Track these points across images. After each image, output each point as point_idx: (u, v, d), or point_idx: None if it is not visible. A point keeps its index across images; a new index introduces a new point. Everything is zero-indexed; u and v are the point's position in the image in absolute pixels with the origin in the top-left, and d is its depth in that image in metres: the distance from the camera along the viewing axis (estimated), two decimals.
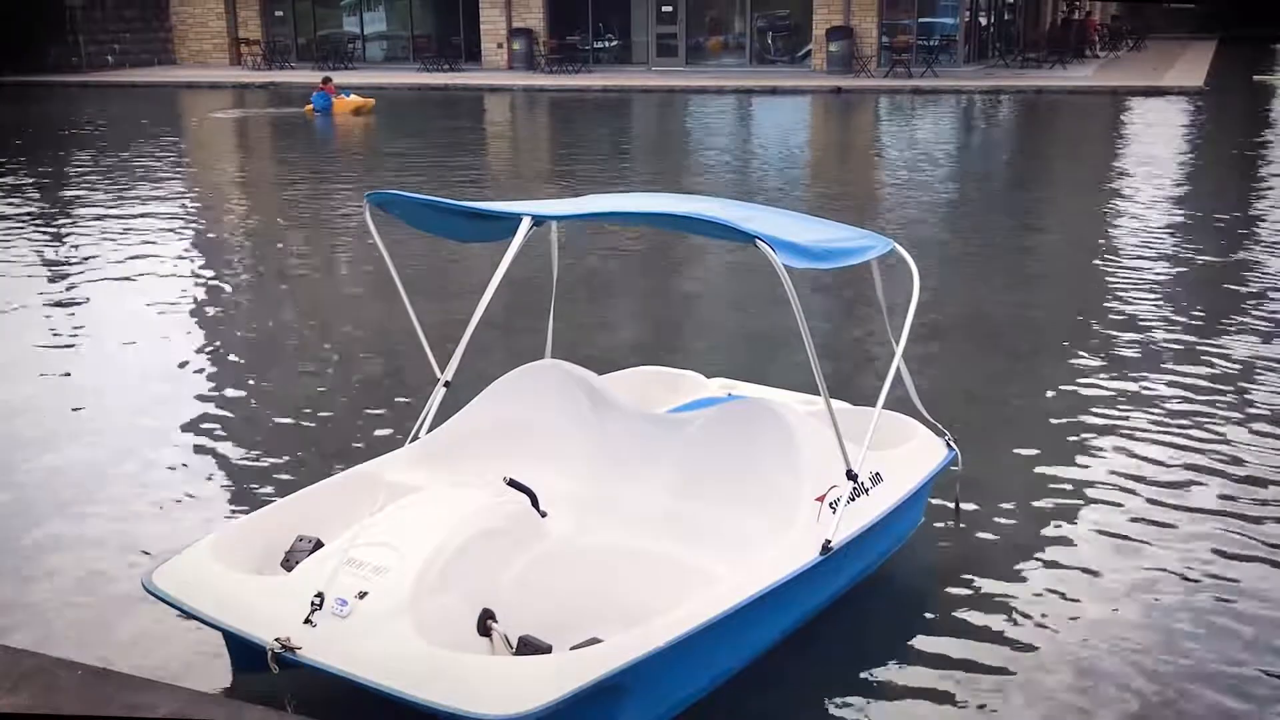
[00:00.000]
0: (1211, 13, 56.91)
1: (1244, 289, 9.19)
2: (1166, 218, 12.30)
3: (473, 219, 4.42)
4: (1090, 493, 5.46)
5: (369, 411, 6.65)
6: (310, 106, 23.67)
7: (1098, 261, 10.25)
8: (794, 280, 3.80)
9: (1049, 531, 5.10)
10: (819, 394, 4.06)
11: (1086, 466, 5.76)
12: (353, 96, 23.73)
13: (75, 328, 8.59)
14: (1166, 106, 23.61)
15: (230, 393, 7.06)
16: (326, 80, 24.34)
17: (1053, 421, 6.38)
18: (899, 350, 4.52)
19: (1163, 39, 46.19)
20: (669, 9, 32.26)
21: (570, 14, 33.14)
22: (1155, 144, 18.23)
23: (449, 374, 4.35)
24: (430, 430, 4.54)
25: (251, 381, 7.33)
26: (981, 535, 5.08)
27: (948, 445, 4.83)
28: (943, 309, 8.80)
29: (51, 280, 10.06)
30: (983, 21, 32.54)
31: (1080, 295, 9.22)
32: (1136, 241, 11.00)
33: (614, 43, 33.44)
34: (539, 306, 5.44)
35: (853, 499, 4.08)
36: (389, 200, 4.38)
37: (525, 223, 4.11)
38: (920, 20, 30.20)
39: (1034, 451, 5.97)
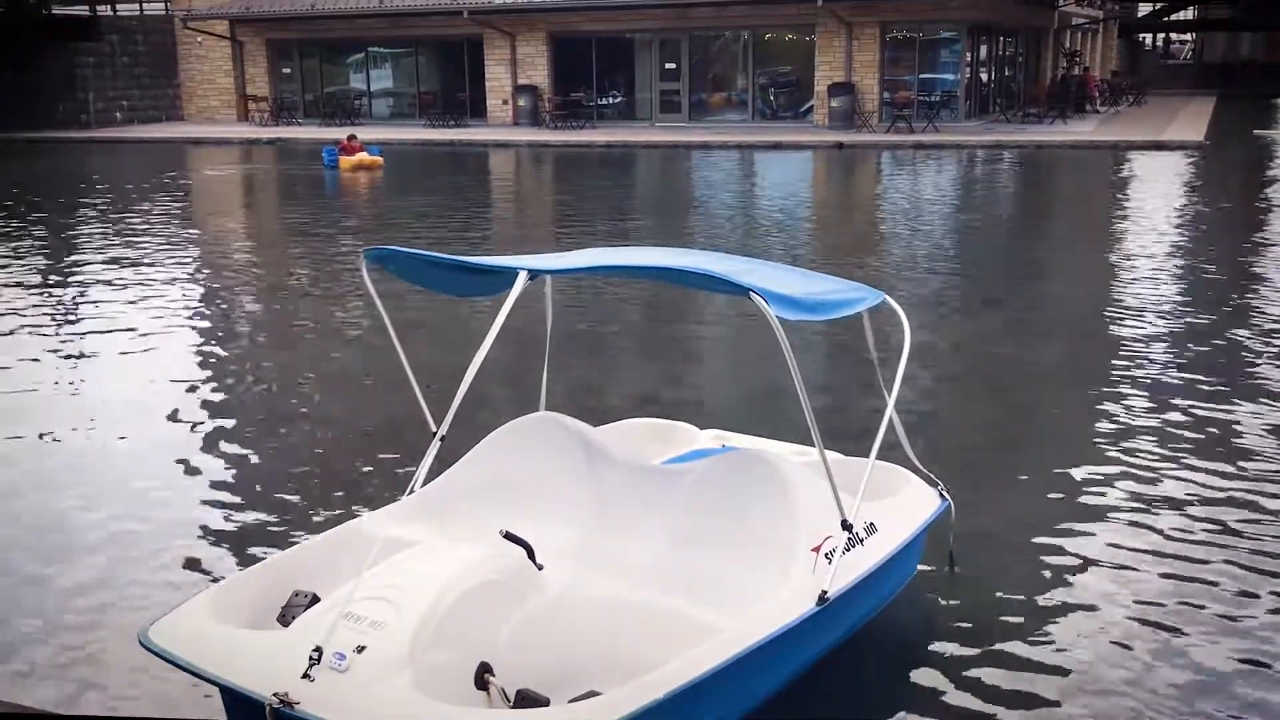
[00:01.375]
0: (1210, 69, 57.41)
1: (1247, 344, 9.19)
2: (1169, 271, 12.33)
3: (469, 273, 4.45)
4: (1089, 546, 5.43)
5: (364, 465, 6.65)
6: (356, 159, 23.58)
7: (1101, 314, 10.27)
8: (787, 332, 3.82)
9: (1046, 583, 5.07)
10: (812, 444, 4.06)
11: (1087, 520, 5.73)
12: (362, 155, 23.73)
13: (76, 378, 8.62)
14: (1168, 161, 23.76)
15: (226, 446, 7.06)
16: (351, 137, 24.46)
17: (1053, 473, 6.36)
18: (891, 401, 4.53)
19: (1163, 94, 46.58)
20: (672, 66, 32.65)
21: (575, 71, 33.54)
22: (1157, 198, 18.32)
23: (444, 428, 4.36)
24: (425, 484, 4.54)
25: (249, 434, 7.33)
26: (977, 586, 5.06)
27: (940, 495, 4.84)
28: (944, 361, 8.82)
29: (53, 331, 10.11)
30: (983, 78, 32.86)
31: (1083, 348, 9.23)
32: (1139, 295, 11.01)
33: (618, 99, 33.80)
34: (536, 358, 5.47)
35: (848, 549, 4.08)
36: (386, 256, 4.41)
37: (521, 276, 4.14)
38: (921, 76, 30.51)
39: (1032, 504, 5.95)
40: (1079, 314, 10.54)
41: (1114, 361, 8.62)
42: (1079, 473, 6.35)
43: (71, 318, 10.76)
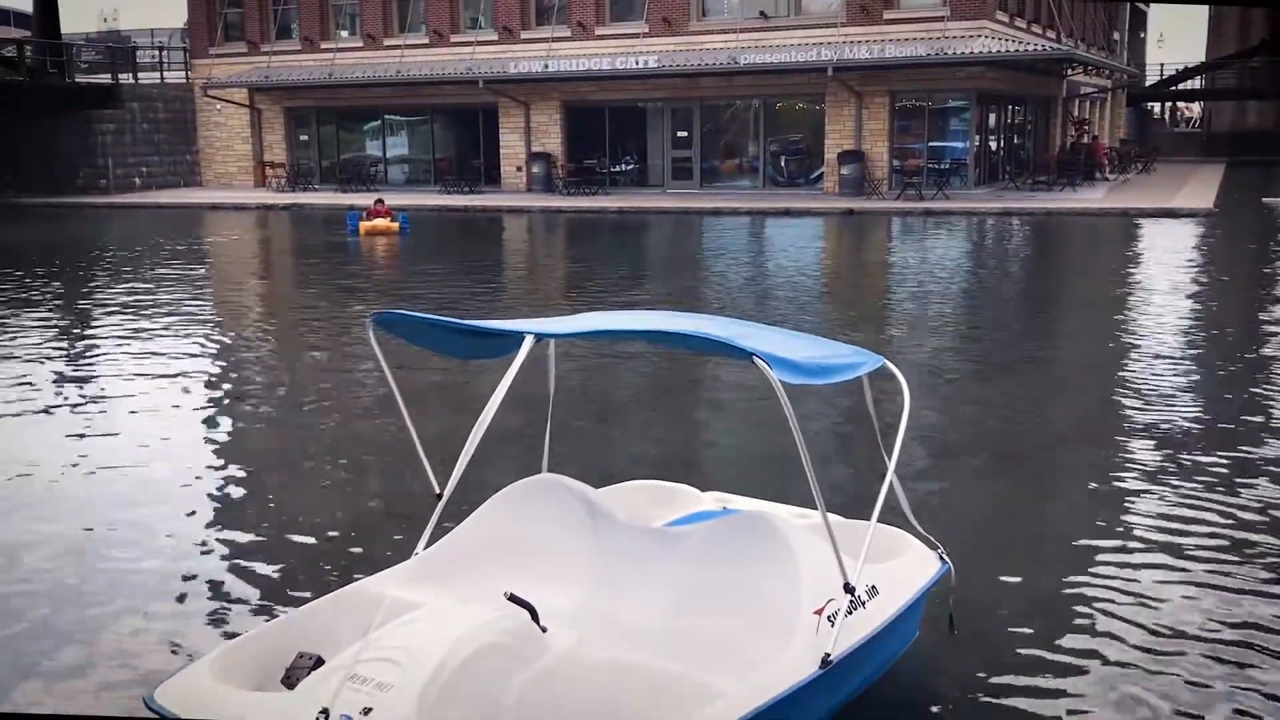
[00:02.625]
0: (1218, 137, 57.81)
1: (1261, 413, 9.18)
2: (1181, 339, 12.33)
3: (476, 337, 4.51)
4: (1091, 614, 5.41)
5: (369, 527, 6.68)
6: (376, 224, 23.70)
7: (1111, 382, 10.27)
8: (789, 395, 3.86)
9: (1046, 647, 5.05)
10: (812, 507, 4.09)
11: (1090, 588, 5.71)
12: (378, 221, 23.90)
13: (85, 441, 8.68)
14: (1177, 228, 23.86)
15: (234, 508, 7.10)
16: (379, 201, 24.69)
17: (1057, 542, 6.35)
18: (891, 464, 4.55)
19: (1172, 162, 46.90)
20: (684, 133, 33.03)
21: (588, 138, 33.95)
22: (1167, 265, 18.35)
23: (448, 489, 4.39)
24: (430, 545, 4.56)
25: (255, 496, 7.37)
26: (977, 649, 5.05)
27: (940, 558, 4.85)
28: (953, 427, 8.83)
29: (66, 392, 10.19)
30: (992, 145, 33.14)
31: (1092, 415, 9.23)
32: (1151, 363, 11.01)
33: (631, 165, 34.16)
34: (540, 420, 5.51)
35: (850, 612, 4.08)
36: (393, 320, 4.48)
37: (528, 340, 4.20)
38: (930, 144, 30.78)
39: (1035, 569, 5.94)
40: (1089, 381, 10.55)
41: (1123, 429, 8.62)
42: (1084, 540, 6.33)
43: (82, 379, 10.84)
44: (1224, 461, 7.67)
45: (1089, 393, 10.05)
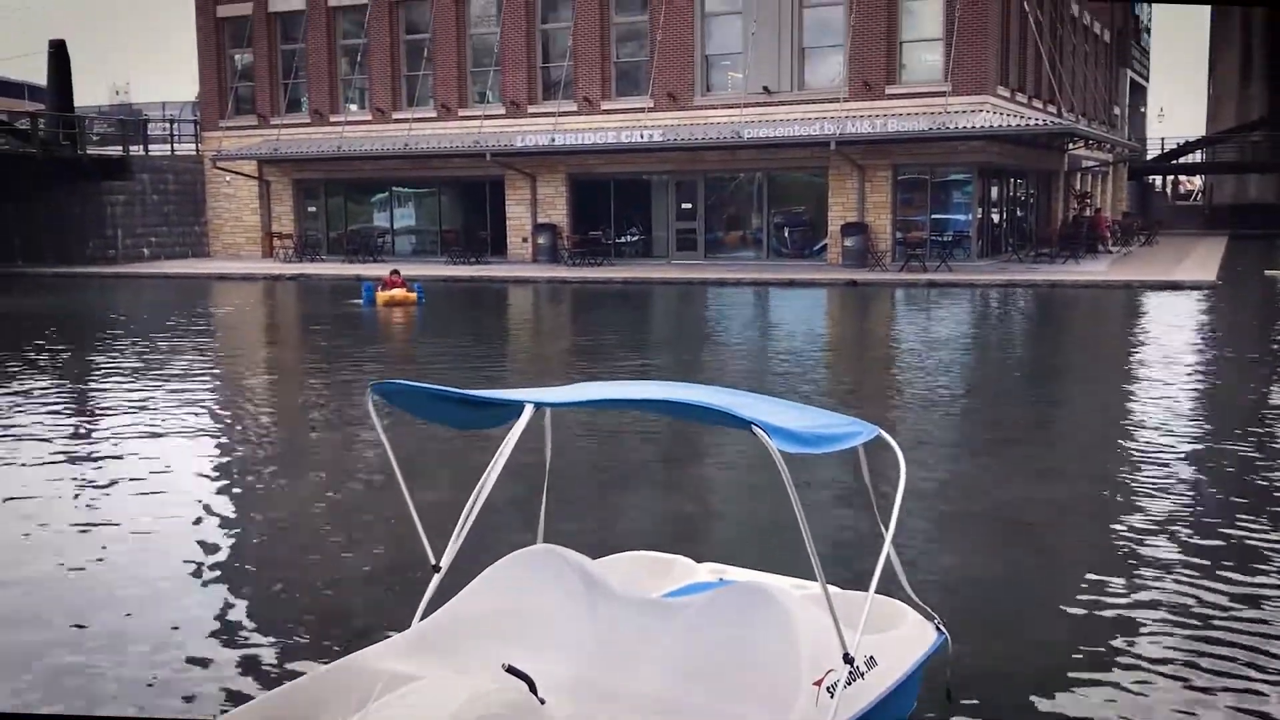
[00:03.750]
0: (1220, 210, 58.25)
1: (1270, 488, 9.13)
2: (1186, 412, 12.29)
3: (474, 407, 4.52)
4: (1092, 689, 5.34)
5: (366, 597, 6.62)
6: (394, 294, 23.68)
7: (1115, 455, 10.23)
8: (788, 465, 3.85)
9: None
10: (807, 577, 4.06)
11: (1090, 664, 5.64)
12: (395, 291, 24.02)
13: (91, 510, 8.66)
14: (1181, 301, 23.92)
15: (231, 579, 7.05)
16: (395, 272, 24.81)
17: (1057, 614, 6.28)
18: (889, 535, 4.53)
19: (1174, 235, 47.19)
20: (688, 206, 33.34)
21: (593, 210, 34.27)
22: (1171, 338, 18.35)
23: (445, 560, 4.37)
24: (426, 616, 4.52)
25: (250, 565, 7.33)
26: None
27: (938, 629, 4.81)
28: (956, 499, 8.78)
29: (71, 463, 10.18)
30: (995, 218, 33.39)
31: (1095, 488, 9.17)
32: (1155, 436, 10.97)
33: (636, 237, 34.43)
34: (537, 490, 5.49)
35: (850, 683, 4.04)
36: (392, 391, 4.49)
37: (528, 410, 4.20)
38: (933, 216, 31.02)
39: (1034, 642, 5.87)
40: (1092, 454, 10.51)
41: (1127, 503, 8.57)
42: (1084, 614, 6.27)
43: (86, 448, 10.84)
44: (1229, 539, 7.61)
45: (1092, 465, 10.00)
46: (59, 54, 38.61)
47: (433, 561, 4.52)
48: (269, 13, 37.90)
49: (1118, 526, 7.87)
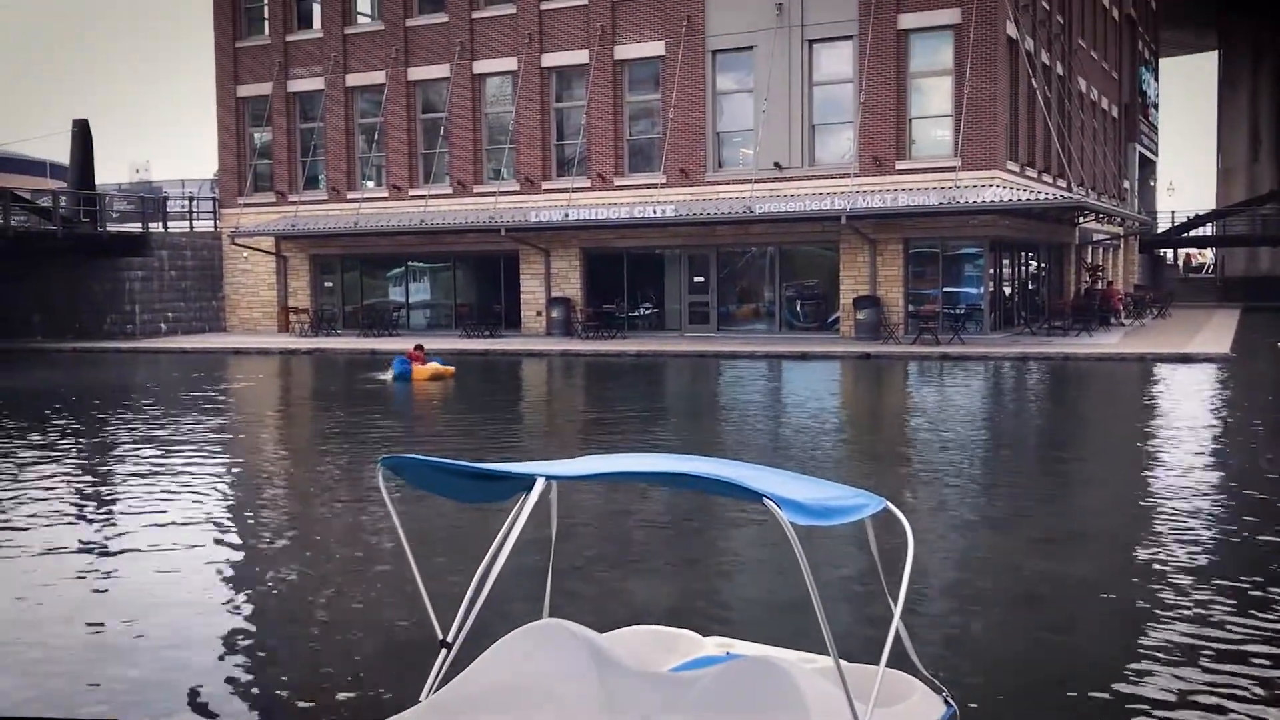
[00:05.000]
0: (1232, 282, 58.32)
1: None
2: (1204, 486, 12.18)
3: (485, 480, 4.52)
4: None
5: (375, 672, 6.58)
6: (390, 374, 23.60)
7: (1133, 530, 10.15)
8: (799, 537, 3.84)
9: None
10: (815, 651, 4.02)
11: None
12: (431, 364, 24.16)
13: (97, 589, 8.65)
14: (1195, 373, 23.84)
15: (240, 652, 7.02)
16: (419, 347, 24.87)
17: (1069, 689, 6.20)
18: (897, 609, 4.49)
19: (1187, 307, 47.20)
20: (701, 279, 33.54)
21: (606, 283, 34.50)
22: (1187, 411, 18.27)
23: (451, 635, 4.35)
24: (434, 691, 4.49)
25: (255, 642, 7.30)
26: None
27: (945, 701, 4.75)
28: (972, 573, 8.71)
29: (80, 537, 10.20)
30: (1007, 291, 33.47)
31: (1112, 563, 9.09)
32: (1173, 511, 10.88)
33: (649, 310, 34.61)
34: (553, 565, 5.47)
35: None
36: (402, 464, 4.50)
37: (539, 483, 4.21)
38: (945, 290, 31.11)
39: (1044, 716, 5.79)
40: (1110, 529, 10.42)
41: (1143, 578, 8.49)
42: (1098, 693, 6.18)
43: (101, 521, 10.86)
44: (1259, 614, 7.52)
45: (1109, 540, 9.92)
46: (82, 133, 39.34)
47: (440, 636, 4.50)
48: (288, 92, 38.60)
49: (1135, 604, 7.79)
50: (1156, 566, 8.70)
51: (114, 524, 10.78)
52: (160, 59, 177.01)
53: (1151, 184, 60.09)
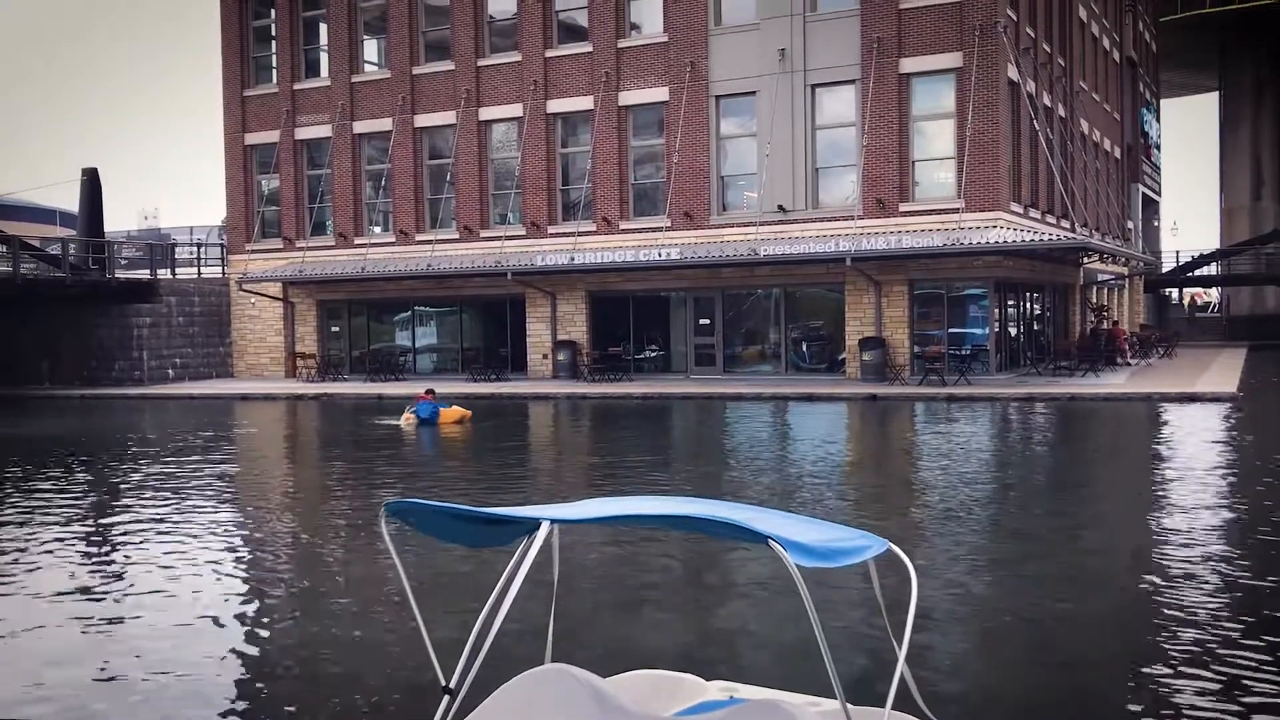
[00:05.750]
0: (1238, 322, 58.30)
1: None
2: (1213, 527, 12.13)
3: (490, 524, 4.54)
4: None
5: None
6: (410, 417, 23.67)
7: (1143, 572, 10.11)
8: (804, 578, 3.85)
9: None
10: (820, 695, 4.02)
11: None
12: (454, 407, 24.28)
13: (97, 636, 8.64)
14: (1202, 413, 23.79)
15: (241, 699, 7.01)
16: (430, 391, 24.99)
17: None
18: (902, 652, 4.49)
19: (1193, 346, 47.16)
20: (706, 321, 33.62)
21: (612, 326, 34.60)
22: (1195, 451, 18.22)
23: (454, 681, 4.35)
24: None
25: (263, 687, 7.28)
26: None
27: None
28: (980, 617, 8.68)
29: (82, 585, 10.19)
30: (1012, 331, 33.50)
31: (1121, 606, 9.05)
32: (1183, 553, 10.83)
33: (655, 353, 34.68)
34: (555, 609, 5.47)
35: None
36: (405, 510, 4.52)
37: (544, 526, 4.22)
38: (950, 330, 31.15)
39: None
40: (1120, 571, 10.38)
41: (1156, 621, 8.45)
42: None
43: (106, 567, 10.86)
44: (1258, 658, 7.48)
45: (1119, 582, 9.88)
46: (92, 181, 39.69)
47: (443, 683, 4.49)
48: (296, 140, 38.94)
49: (1145, 646, 7.75)
50: (1167, 610, 8.66)
51: (118, 574, 10.78)
52: (169, 108, 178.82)
53: (1155, 224, 60.26)
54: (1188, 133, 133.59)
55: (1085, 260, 37.60)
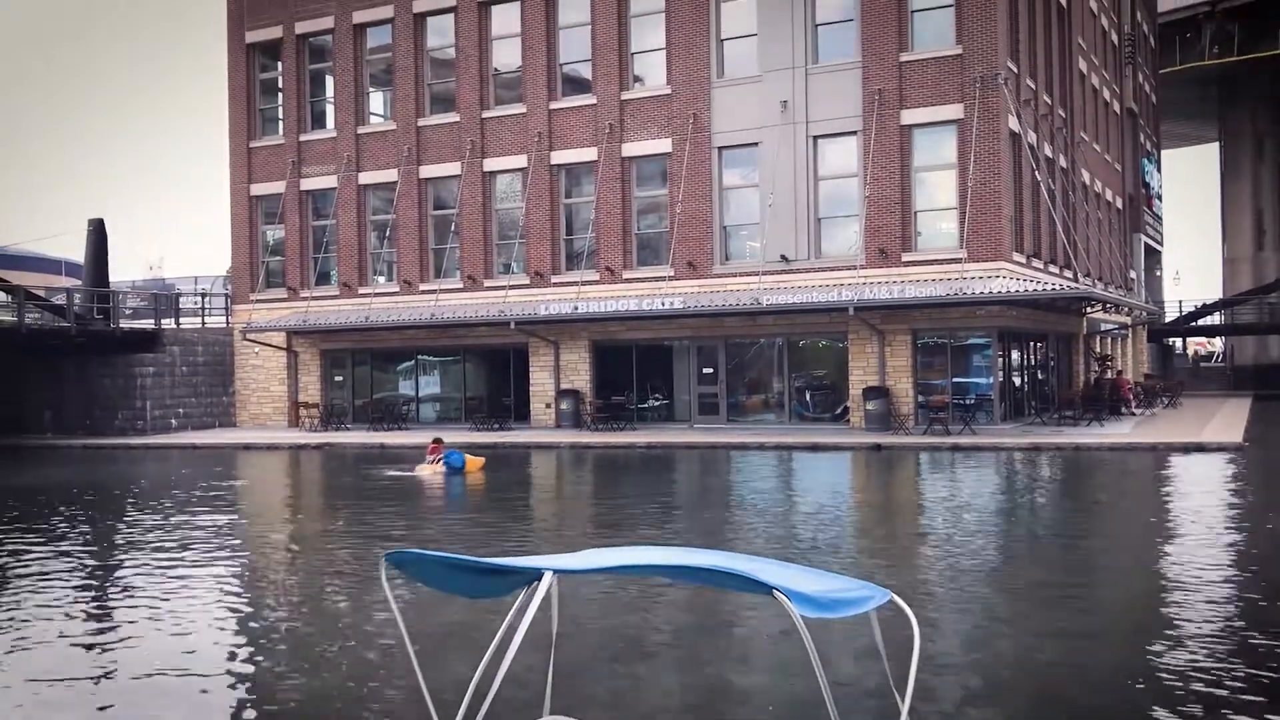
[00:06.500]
0: (1242, 371, 58.24)
1: None
2: (1222, 579, 12.03)
3: (491, 575, 4.50)
4: None
5: None
6: (437, 467, 23.63)
7: (1152, 626, 10.00)
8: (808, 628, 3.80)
9: None
10: None
11: None
12: (469, 457, 24.28)
13: (107, 670, 8.56)
14: (1208, 462, 23.68)
15: None
16: (438, 441, 24.90)
17: None
18: (905, 706, 4.43)
19: (1197, 396, 47.07)
20: (709, 370, 33.61)
21: (615, 375, 34.59)
22: (1202, 502, 18.11)
23: None
24: None
25: None
26: None
27: None
28: (985, 668, 8.57)
29: (83, 639, 10.11)
30: (1016, 381, 33.45)
31: (1131, 658, 8.95)
32: (1192, 606, 10.72)
33: (658, 402, 34.63)
34: (554, 660, 5.41)
35: None
36: (406, 560, 4.48)
37: (547, 577, 4.18)
38: (954, 379, 31.11)
39: None
40: (1128, 624, 10.28)
41: (1165, 677, 8.35)
42: None
43: (104, 618, 10.78)
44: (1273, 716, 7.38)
45: (1126, 636, 9.77)
46: (98, 231, 39.89)
47: None
48: (301, 190, 39.19)
49: (1153, 700, 7.65)
50: (1176, 664, 8.55)
51: (115, 629, 10.69)
52: (177, 159, 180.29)
53: (1158, 273, 60.41)
54: (1189, 183, 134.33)
55: (1088, 310, 37.62)
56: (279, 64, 40.03)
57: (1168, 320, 58.45)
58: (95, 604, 11.62)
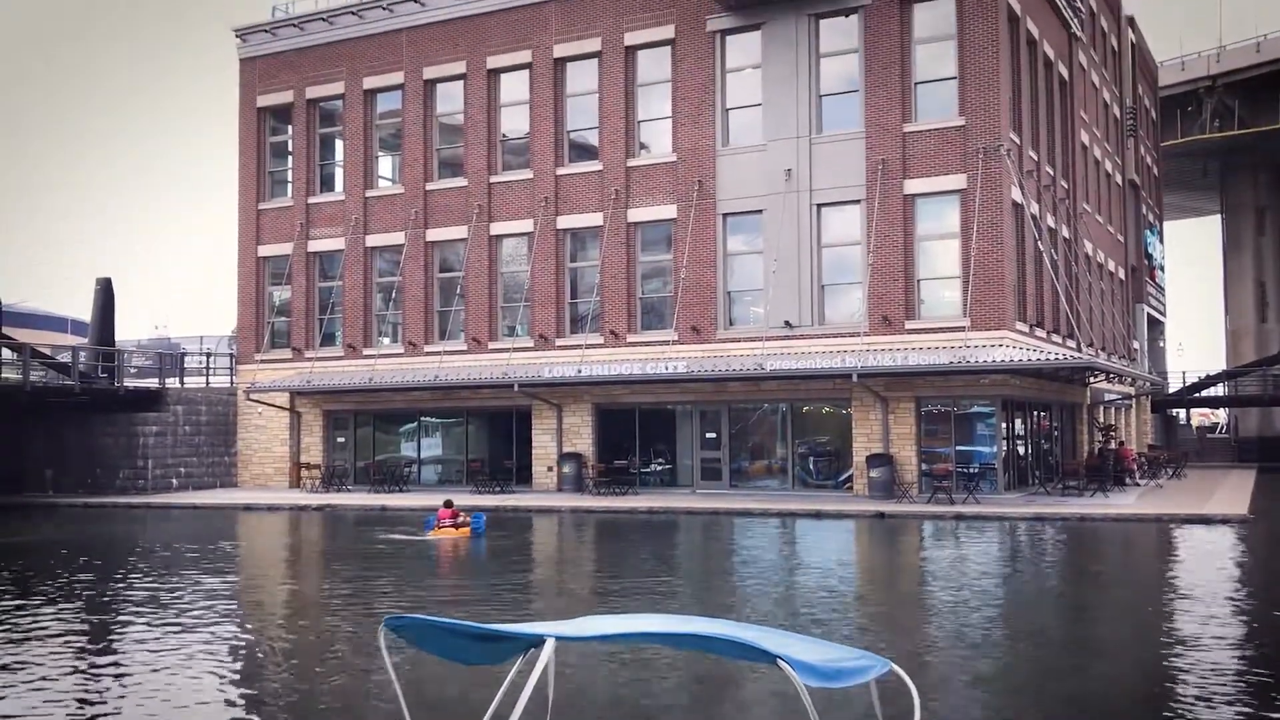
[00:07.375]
0: (1247, 443, 58.11)
1: None
2: (1226, 654, 11.93)
3: (491, 641, 4.47)
4: None
5: None
6: (462, 530, 23.66)
7: (1157, 701, 9.90)
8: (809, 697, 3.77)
9: None
10: None
11: None
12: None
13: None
14: (1213, 535, 23.54)
15: None
16: (448, 503, 24.85)
17: None
18: None
19: (1202, 467, 46.90)
20: (713, 435, 33.55)
21: (618, 439, 34.54)
22: (1208, 575, 17.96)
23: None
24: None
25: None
26: None
27: None
28: None
29: (85, 696, 10.02)
30: (1020, 450, 33.35)
31: None
32: (1197, 680, 10.63)
33: (661, 466, 34.53)
34: None
35: None
36: (405, 625, 4.46)
37: (549, 644, 4.16)
38: (958, 448, 31.02)
39: None
40: (1134, 699, 10.17)
41: None
42: None
43: (101, 684, 10.68)
44: None
45: (1127, 711, 9.66)
46: (105, 290, 40.08)
47: None
48: (308, 252, 39.45)
49: None
50: None
51: (111, 694, 10.59)
52: (184, 220, 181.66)
53: (1161, 344, 60.48)
54: (1192, 254, 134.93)
55: (1092, 380, 37.61)
56: (289, 127, 40.50)
57: (1171, 391, 58.40)
58: (84, 667, 11.52)
